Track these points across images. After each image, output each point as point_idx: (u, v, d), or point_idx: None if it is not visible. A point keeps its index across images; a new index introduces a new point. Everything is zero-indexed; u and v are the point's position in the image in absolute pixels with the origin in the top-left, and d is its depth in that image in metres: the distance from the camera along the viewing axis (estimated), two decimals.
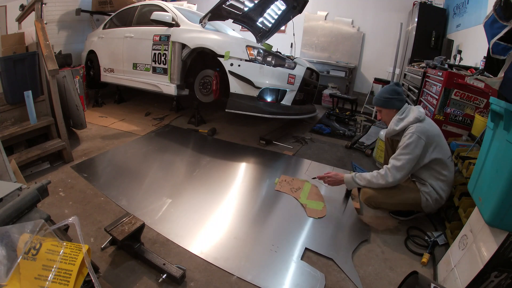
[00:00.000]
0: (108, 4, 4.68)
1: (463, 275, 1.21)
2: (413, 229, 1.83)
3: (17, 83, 2.24)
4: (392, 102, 1.85)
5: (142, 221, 1.45)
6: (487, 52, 1.31)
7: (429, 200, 1.74)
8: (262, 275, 1.39)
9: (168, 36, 3.35)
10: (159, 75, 3.50)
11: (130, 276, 1.33)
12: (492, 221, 1.12)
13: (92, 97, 4.28)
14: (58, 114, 2.34)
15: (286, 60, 3.20)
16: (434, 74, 2.55)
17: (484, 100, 2.15)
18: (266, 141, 3.08)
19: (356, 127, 4.01)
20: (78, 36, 4.79)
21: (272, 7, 3.94)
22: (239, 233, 1.67)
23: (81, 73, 3.89)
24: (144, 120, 3.65)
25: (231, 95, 3.02)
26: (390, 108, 1.88)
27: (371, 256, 1.58)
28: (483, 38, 1.43)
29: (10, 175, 1.49)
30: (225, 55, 2.98)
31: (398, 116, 1.84)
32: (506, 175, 1.04)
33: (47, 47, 2.26)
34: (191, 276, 1.36)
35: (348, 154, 3.03)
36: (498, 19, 1.12)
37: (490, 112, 1.24)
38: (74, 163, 2.38)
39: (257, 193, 2.13)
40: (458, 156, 1.90)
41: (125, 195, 1.97)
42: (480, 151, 1.36)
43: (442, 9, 4.47)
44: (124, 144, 2.88)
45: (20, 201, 1.01)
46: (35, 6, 2.45)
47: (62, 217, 1.24)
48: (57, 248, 0.89)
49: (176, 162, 2.63)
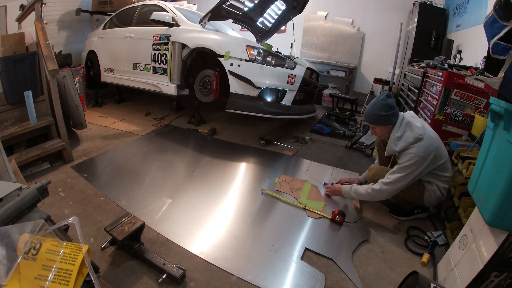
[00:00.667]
0: (108, 4, 4.68)
1: (463, 275, 1.21)
2: (413, 229, 1.83)
3: (17, 83, 2.24)
4: (387, 119, 1.74)
5: (142, 221, 1.45)
6: (487, 52, 1.31)
7: (433, 197, 1.79)
8: (262, 275, 1.39)
9: (168, 36, 3.35)
10: (159, 75, 3.50)
11: (130, 276, 1.33)
12: (492, 221, 1.12)
13: (92, 97, 4.28)
14: (58, 114, 2.34)
15: (286, 60, 3.20)
16: (434, 74, 2.55)
17: (484, 100, 2.15)
18: (266, 141, 3.08)
19: (356, 127, 4.01)
20: (78, 36, 4.79)
21: (272, 7, 3.94)
22: (239, 233, 1.67)
23: (81, 73, 3.89)
24: (144, 120, 3.66)
25: (231, 95, 3.02)
26: (385, 125, 1.78)
27: (371, 256, 1.58)
28: (483, 38, 1.43)
29: (10, 175, 1.49)
30: (225, 55, 2.98)
31: (395, 134, 1.74)
32: (506, 175, 1.04)
33: (47, 47, 2.26)
34: (191, 276, 1.36)
35: (348, 154, 3.03)
36: (498, 19, 1.12)
37: (490, 112, 1.24)
38: (74, 163, 2.38)
39: (257, 193, 2.13)
40: (458, 156, 1.90)
41: (125, 195, 1.97)
42: (480, 151, 1.36)
43: (442, 9, 4.47)
44: (124, 144, 2.88)
45: (20, 201, 1.01)
46: (35, 6, 2.45)
47: (62, 217, 1.24)
48: (57, 248, 0.89)
49: (176, 162, 2.63)
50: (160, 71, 3.48)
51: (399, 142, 1.72)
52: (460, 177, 1.85)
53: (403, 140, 1.71)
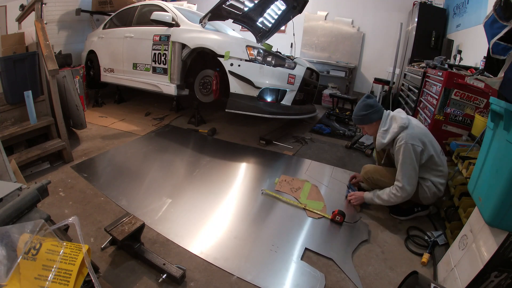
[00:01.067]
0: (108, 4, 4.68)
1: (463, 275, 1.21)
2: (413, 229, 1.83)
3: (17, 83, 2.24)
4: (369, 117, 1.86)
5: (142, 221, 1.45)
6: (487, 52, 1.31)
7: (428, 193, 1.80)
8: (262, 275, 1.39)
9: (168, 36, 3.35)
10: (159, 75, 3.50)
11: (130, 276, 1.33)
12: (492, 221, 1.12)
13: (92, 97, 4.28)
14: (58, 114, 2.34)
15: (286, 60, 3.20)
16: (434, 74, 2.55)
17: (484, 100, 2.15)
18: (266, 141, 3.08)
19: (356, 127, 4.00)
20: (78, 36, 4.79)
21: (272, 7, 3.94)
22: (239, 233, 1.67)
23: (81, 73, 3.89)
24: (144, 120, 3.66)
25: (231, 95, 3.02)
26: (370, 123, 1.89)
27: (371, 256, 1.58)
28: (483, 38, 1.43)
29: (10, 175, 1.49)
30: (225, 55, 2.97)
31: (382, 128, 1.85)
32: (506, 175, 1.04)
33: (47, 47, 2.26)
34: (191, 276, 1.36)
35: (348, 154, 3.03)
36: (498, 19, 1.12)
37: (490, 112, 1.24)
38: (74, 163, 2.38)
39: (257, 193, 2.13)
40: (458, 156, 1.90)
41: (125, 195, 1.97)
42: (480, 151, 1.36)
43: (442, 9, 4.47)
44: (124, 144, 2.88)
45: (20, 201, 1.01)
46: (35, 6, 2.45)
47: (62, 217, 1.24)
48: (57, 248, 0.89)
49: (176, 162, 2.63)
50: (160, 71, 3.48)
51: (386, 135, 1.81)
52: (460, 177, 1.85)
53: (390, 132, 1.80)
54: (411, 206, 1.92)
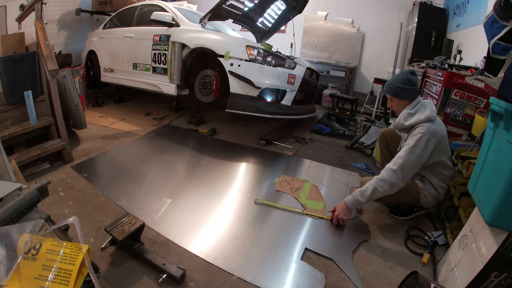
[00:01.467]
0: (108, 4, 4.68)
1: (463, 275, 1.21)
2: (413, 229, 1.83)
3: (17, 83, 2.24)
4: (404, 93, 1.75)
5: (142, 221, 1.45)
6: (487, 52, 1.31)
7: (428, 196, 1.78)
8: (262, 275, 1.39)
9: (168, 36, 3.35)
10: (159, 75, 3.50)
11: (130, 276, 1.33)
12: (492, 221, 1.12)
13: (92, 97, 4.28)
14: (58, 114, 2.34)
15: (286, 60, 3.20)
16: (434, 74, 2.55)
17: (484, 100, 2.16)
18: (266, 141, 3.08)
19: (356, 127, 4.01)
20: (78, 36, 4.79)
21: (272, 7, 3.94)
22: (239, 233, 1.67)
23: (81, 73, 3.88)
24: (144, 120, 3.65)
25: (231, 95, 3.02)
26: (401, 99, 1.78)
27: (371, 256, 1.58)
28: (483, 38, 1.43)
29: (10, 175, 1.49)
30: (225, 55, 2.97)
31: (408, 110, 1.75)
32: (506, 175, 1.04)
33: (47, 47, 2.26)
34: (191, 276, 1.36)
35: (348, 154, 3.03)
36: (498, 19, 1.12)
37: (490, 112, 1.24)
38: (74, 163, 2.38)
39: (257, 193, 2.13)
40: (458, 156, 1.90)
41: (125, 195, 1.97)
42: (480, 151, 1.36)
43: (442, 9, 4.47)
44: (124, 144, 2.88)
45: (20, 201, 1.01)
46: (35, 6, 2.45)
47: (62, 217, 1.24)
48: (57, 248, 0.89)
49: (176, 162, 2.63)
50: (160, 71, 3.48)
51: (410, 118, 1.72)
52: (460, 177, 1.85)
53: (415, 117, 1.71)
54: (412, 207, 1.92)
